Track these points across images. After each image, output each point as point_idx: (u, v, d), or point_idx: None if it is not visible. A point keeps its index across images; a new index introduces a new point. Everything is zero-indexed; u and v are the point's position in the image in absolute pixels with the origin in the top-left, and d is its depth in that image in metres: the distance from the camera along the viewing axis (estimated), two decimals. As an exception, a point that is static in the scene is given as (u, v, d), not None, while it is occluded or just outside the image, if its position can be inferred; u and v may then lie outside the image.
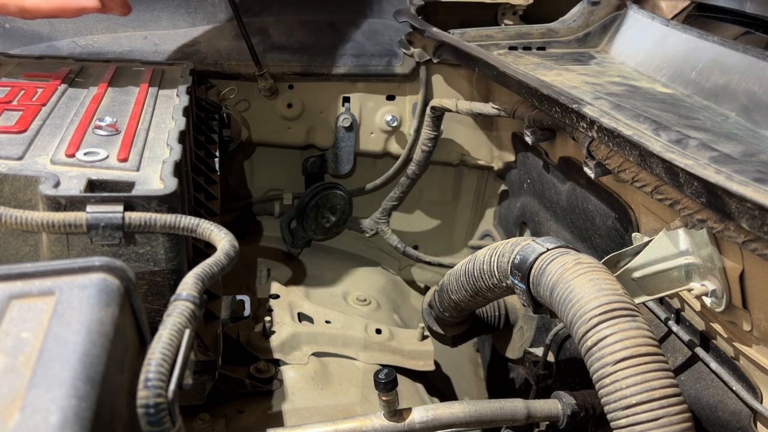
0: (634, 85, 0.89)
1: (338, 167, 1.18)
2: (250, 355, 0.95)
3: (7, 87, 0.72)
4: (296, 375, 0.93)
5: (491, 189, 1.32)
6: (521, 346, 1.01)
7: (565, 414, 0.72)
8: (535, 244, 0.66)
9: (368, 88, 1.17)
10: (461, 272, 0.77)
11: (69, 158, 0.59)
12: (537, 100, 0.81)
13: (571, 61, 1.02)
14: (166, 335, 0.40)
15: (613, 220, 0.81)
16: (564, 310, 0.58)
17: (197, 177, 0.84)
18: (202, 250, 0.71)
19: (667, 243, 0.65)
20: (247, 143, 1.19)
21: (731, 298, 0.62)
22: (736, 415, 0.64)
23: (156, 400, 0.37)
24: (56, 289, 0.39)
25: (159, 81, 0.83)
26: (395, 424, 0.68)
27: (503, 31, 1.11)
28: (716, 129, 0.72)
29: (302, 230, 1.18)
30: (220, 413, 0.85)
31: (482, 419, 0.70)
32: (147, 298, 0.58)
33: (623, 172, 0.70)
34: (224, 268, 0.50)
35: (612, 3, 1.11)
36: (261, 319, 0.99)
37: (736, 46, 0.81)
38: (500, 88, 0.96)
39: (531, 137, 0.92)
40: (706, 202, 0.55)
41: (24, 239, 0.57)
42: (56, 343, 0.35)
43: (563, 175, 0.94)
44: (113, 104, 0.73)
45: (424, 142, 1.18)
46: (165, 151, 0.64)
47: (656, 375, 0.52)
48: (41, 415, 0.31)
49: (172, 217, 0.54)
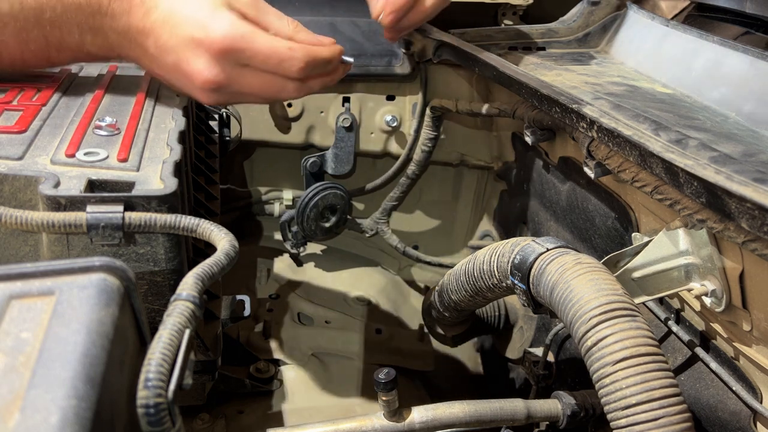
0: (634, 85, 0.89)
1: (338, 167, 1.18)
2: (250, 355, 0.95)
3: (7, 87, 0.72)
4: (296, 375, 0.94)
5: (491, 189, 1.31)
6: (521, 346, 1.01)
7: (565, 414, 0.72)
8: (535, 244, 0.66)
9: (368, 88, 1.17)
10: (461, 272, 0.77)
11: (69, 158, 0.59)
12: (537, 100, 0.81)
13: (571, 61, 1.02)
14: (166, 335, 0.40)
15: (613, 220, 0.81)
16: (564, 310, 0.58)
17: (197, 177, 0.84)
18: (202, 250, 0.71)
19: (667, 243, 0.65)
20: (247, 143, 1.19)
21: (731, 298, 0.62)
22: (736, 415, 0.64)
23: (156, 400, 0.37)
24: (56, 289, 0.39)
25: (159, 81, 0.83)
26: (395, 424, 0.68)
27: (503, 31, 1.11)
28: (716, 129, 0.72)
29: (302, 230, 1.18)
30: (220, 413, 0.85)
31: (482, 419, 0.70)
32: (147, 298, 0.58)
33: (623, 172, 0.70)
34: (224, 268, 0.50)
35: (612, 3, 1.11)
36: (261, 319, 0.99)
37: (736, 46, 0.81)
38: (500, 88, 0.96)
39: (531, 137, 0.92)
40: (706, 202, 0.55)
41: (24, 239, 0.57)
42: (56, 343, 0.35)
43: (563, 175, 0.94)
44: (113, 104, 0.73)
45: (424, 142, 1.18)
46: (165, 151, 0.64)
47: (656, 375, 0.52)
48: (41, 415, 0.31)
49: (172, 217, 0.54)
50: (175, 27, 0.67)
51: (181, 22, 0.67)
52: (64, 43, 0.70)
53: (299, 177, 1.21)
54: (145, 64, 0.73)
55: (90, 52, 0.72)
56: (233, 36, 0.67)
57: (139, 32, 0.69)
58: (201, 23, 0.67)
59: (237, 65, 0.69)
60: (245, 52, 0.68)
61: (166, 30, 0.68)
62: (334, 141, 1.17)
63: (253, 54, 0.69)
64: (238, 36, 0.67)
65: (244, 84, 0.71)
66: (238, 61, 0.69)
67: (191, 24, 0.67)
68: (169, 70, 0.70)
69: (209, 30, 0.67)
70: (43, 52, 0.71)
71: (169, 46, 0.68)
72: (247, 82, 0.71)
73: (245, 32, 0.68)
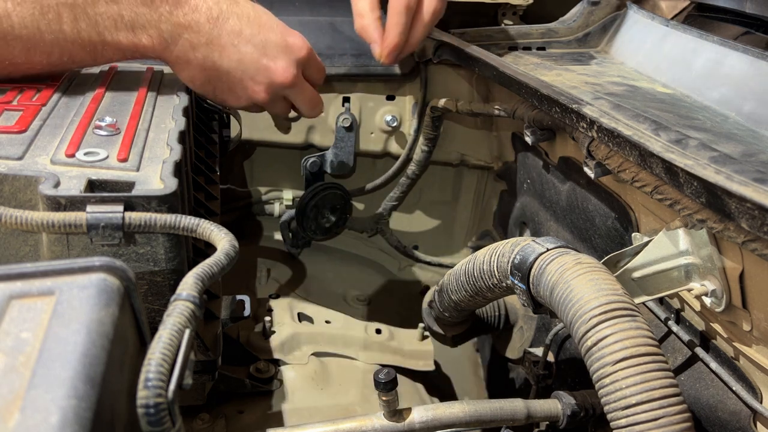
0: (634, 85, 0.89)
1: (338, 167, 1.18)
2: (250, 355, 0.95)
3: (7, 87, 0.72)
4: (296, 375, 0.93)
5: (491, 189, 1.31)
6: (521, 346, 1.01)
7: (565, 414, 0.72)
8: (535, 244, 0.66)
9: (368, 88, 1.17)
10: (461, 272, 0.77)
11: (69, 158, 0.59)
12: (537, 100, 0.81)
13: (571, 61, 1.02)
14: (166, 335, 0.40)
15: (613, 220, 0.81)
16: (564, 310, 0.58)
17: (197, 177, 0.84)
18: (202, 250, 0.71)
19: (666, 243, 0.65)
20: (246, 143, 1.19)
21: (731, 298, 0.62)
22: (736, 415, 0.64)
23: (156, 400, 0.37)
24: (56, 289, 0.39)
25: (159, 81, 0.83)
26: (395, 424, 0.68)
27: (503, 31, 1.11)
28: (716, 129, 0.72)
29: (302, 230, 1.18)
30: (220, 413, 0.85)
31: (482, 419, 0.70)
32: (147, 298, 0.58)
33: (623, 172, 0.70)
34: (224, 268, 0.50)
35: (612, 3, 1.11)
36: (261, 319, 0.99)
37: (736, 46, 0.81)
38: (500, 88, 0.96)
39: (531, 137, 0.92)
40: (706, 202, 0.55)
41: (24, 239, 0.57)
42: (56, 343, 0.35)
43: (563, 175, 0.94)
44: (113, 104, 0.73)
45: (424, 142, 1.18)
46: (165, 151, 0.64)
47: (656, 375, 0.52)
48: (41, 415, 0.31)
49: (172, 217, 0.54)
50: (263, 27, 0.79)
51: (269, 23, 0.80)
52: (106, 39, 0.73)
53: (299, 177, 1.21)
54: (204, 52, 0.76)
55: (137, 45, 0.74)
56: (310, 49, 0.84)
57: (209, 19, 0.76)
58: (289, 32, 0.82)
59: (302, 75, 0.85)
60: (313, 61, 0.86)
61: (253, 26, 0.78)
62: (334, 141, 1.17)
63: (319, 68, 0.88)
64: (312, 50, 0.85)
65: (300, 92, 0.86)
66: (305, 72, 0.85)
67: (281, 29, 0.81)
68: (239, 60, 0.78)
69: (298, 39, 0.82)
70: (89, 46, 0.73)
71: (257, 41, 0.78)
72: (300, 93, 0.86)
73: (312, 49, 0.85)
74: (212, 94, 0.82)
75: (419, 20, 0.92)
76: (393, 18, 0.90)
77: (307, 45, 0.84)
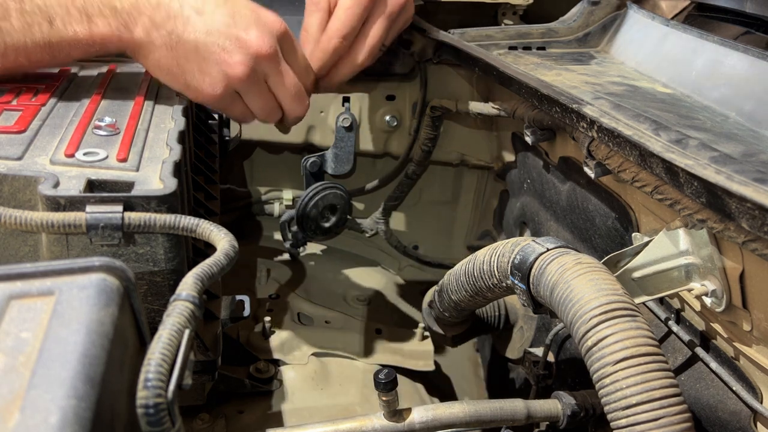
0: (634, 85, 0.89)
1: (338, 167, 1.18)
2: (249, 355, 0.95)
3: (7, 87, 0.72)
4: (296, 375, 0.93)
5: (491, 189, 1.31)
6: (521, 346, 1.01)
7: (565, 414, 0.72)
8: (535, 244, 0.66)
9: (368, 88, 1.16)
10: (461, 272, 0.77)
11: (68, 158, 0.59)
12: (537, 100, 0.81)
13: (571, 61, 1.02)
14: (166, 335, 0.40)
15: (613, 220, 0.81)
16: (564, 310, 0.58)
17: (197, 177, 0.84)
18: (202, 250, 0.71)
19: (667, 243, 0.65)
20: (247, 143, 1.18)
21: (731, 298, 0.62)
22: (736, 415, 0.64)
23: (156, 400, 0.37)
24: (56, 290, 0.39)
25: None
26: (395, 424, 0.68)
27: (503, 31, 1.11)
28: (716, 129, 0.72)
29: (302, 230, 1.18)
30: (220, 413, 0.85)
31: (482, 419, 0.70)
32: (147, 298, 0.58)
33: (623, 172, 0.70)
34: (224, 268, 0.50)
35: (612, 3, 1.11)
36: (261, 319, 0.99)
37: (736, 46, 0.81)
38: (500, 88, 0.96)
39: (531, 137, 0.92)
40: (706, 202, 0.55)
41: (23, 239, 0.57)
42: (56, 343, 0.35)
43: (563, 175, 0.94)
44: (113, 104, 0.73)
45: (424, 142, 1.18)
46: (165, 151, 0.64)
47: (656, 375, 0.52)
48: (41, 415, 0.31)
49: (172, 217, 0.54)
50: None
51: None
52: (61, 31, 0.69)
53: (299, 177, 1.21)
54: (167, 28, 0.71)
55: (94, 35, 0.70)
56: (287, 28, 0.77)
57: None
58: (262, 9, 0.76)
59: (280, 53, 0.77)
60: (292, 42, 0.79)
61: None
62: (334, 141, 1.17)
63: (299, 54, 0.81)
64: (289, 30, 0.78)
65: (279, 74, 0.78)
66: (284, 53, 0.78)
67: (252, 5, 0.75)
68: (207, 31, 0.72)
69: (272, 15, 0.76)
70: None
71: (224, 10, 0.72)
72: (281, 76, 0.78)
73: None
74: (184, 82, 0.74)
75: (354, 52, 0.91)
76: (323, 43, 0.88)
77: (284, 23, 0.77)
